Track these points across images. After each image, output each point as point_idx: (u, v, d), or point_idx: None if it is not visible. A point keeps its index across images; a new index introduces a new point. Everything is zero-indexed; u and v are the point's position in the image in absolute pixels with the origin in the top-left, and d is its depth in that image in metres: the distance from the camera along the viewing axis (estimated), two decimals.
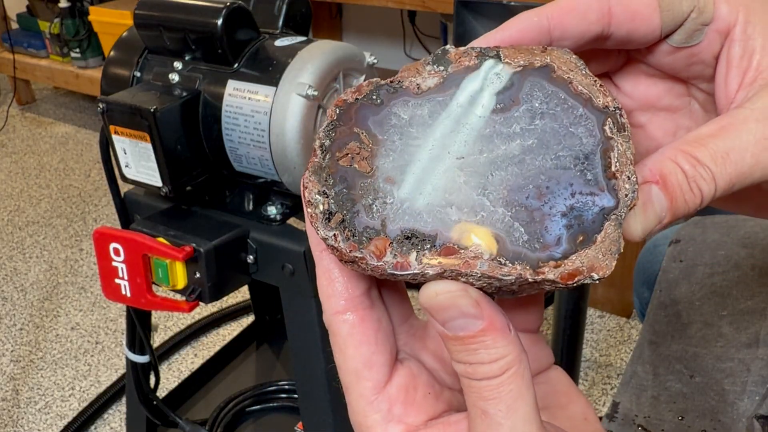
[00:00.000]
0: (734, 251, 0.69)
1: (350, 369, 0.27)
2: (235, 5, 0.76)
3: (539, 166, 0.25)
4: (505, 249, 0.25)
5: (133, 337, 0.98)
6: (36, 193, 2.25)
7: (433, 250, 0.25)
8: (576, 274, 0.24)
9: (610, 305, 1.59)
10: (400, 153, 0.26)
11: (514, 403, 0.24)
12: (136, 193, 0.89)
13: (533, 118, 0.26)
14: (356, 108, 0.27)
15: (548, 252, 0.25)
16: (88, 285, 1.79)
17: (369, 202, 0.25)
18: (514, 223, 0.25)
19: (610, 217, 0.25)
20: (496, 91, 0.26)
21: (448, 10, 1.78)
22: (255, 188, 0.86)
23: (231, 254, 0.81)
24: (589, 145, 0.26)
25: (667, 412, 0.58)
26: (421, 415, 0.27)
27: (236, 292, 1.35)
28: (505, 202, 0.25)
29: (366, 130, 0.26)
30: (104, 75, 0.86)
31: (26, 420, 1.41)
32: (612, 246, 0.25)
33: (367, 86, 0.27)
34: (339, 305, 0.27)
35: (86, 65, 2.43)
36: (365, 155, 0.26)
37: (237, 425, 1.14)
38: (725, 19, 0.29)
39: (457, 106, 0.26)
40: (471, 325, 0.24)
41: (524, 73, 0.26)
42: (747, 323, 0.62)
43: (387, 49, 2.59)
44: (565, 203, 0.25)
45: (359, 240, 0.25)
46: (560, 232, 0.25)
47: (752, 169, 0.26)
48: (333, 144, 0.26)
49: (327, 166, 0.26)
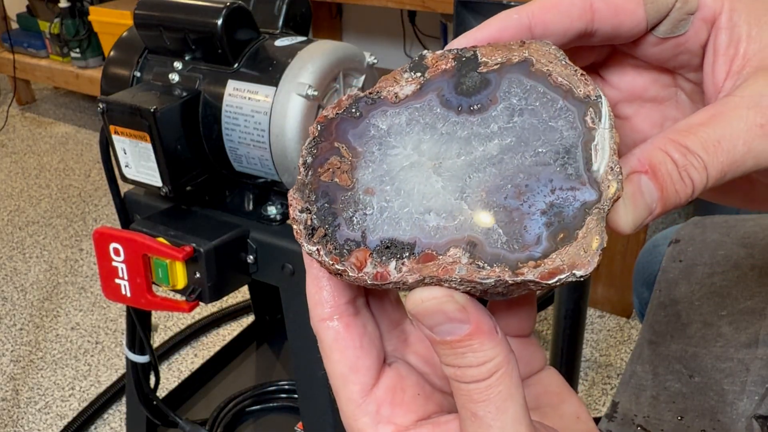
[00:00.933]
0: (734, 251, 0.69)
1: (337, 373, 0.28)
2: (235, 5, 0.76)
3: (518, 165, 0.25)
4: (484, 252, 0.24)
5: (133, 337, 0.98)
6: (36, 193, 2.25)
7: (412, 257, 0.25)
8: (556, 272, 0.24)
9: (610, 305, 1.59)
10: (379, 163, 0.26)
11: (503, 404, 0.24)
12: (136, 193, 0.89)
13: (512, 115, 0.26)
14: (336, 123, 0.27)
15: (527, 252, 0.24)
16: (88, 285, 1.79)
17: (350, 215, 0.26)
18: (493, 224, 0.25)
19: (591, 212, 0.24)
20: (471, 92, 0.26)
21: (448, 10, 1.78)
22: (255, 188, 0.86)
23: (231, 254, 0.81)
24: (570, 138, 0.25)
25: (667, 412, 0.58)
26: (410, 415, 0.28)
27: (236, 292, 1.35)
28: (484, 204, 0.25)
29: (346, 144, 0.27)
30: (104, 75, 0.86)
31: (26, 420, 1.41)
32: (594, 241, 0.24)
33: (347, 100, 0.27)
34: (325, 312, 0.28)
35: (86, 65, 2.43)
36: (345, 168, 0.26)
37: (237, 425, 1.14)
38: (711, 7, 0.28)
39: (432, 112, 0.26)
40: (457, 329, 0.24)
41: (502, 70, 0.26)
42: (746, 323, 0.62)
43: (387, 49, 2.59)
44: (545, 200, 0.25)
45: (341, 253, 0.25)
46: (540, 231, 0.24)
47: (744, 158, 0.26)
48: (315, 160, 0.27)
49: (309, 183, 0.26)
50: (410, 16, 2.44)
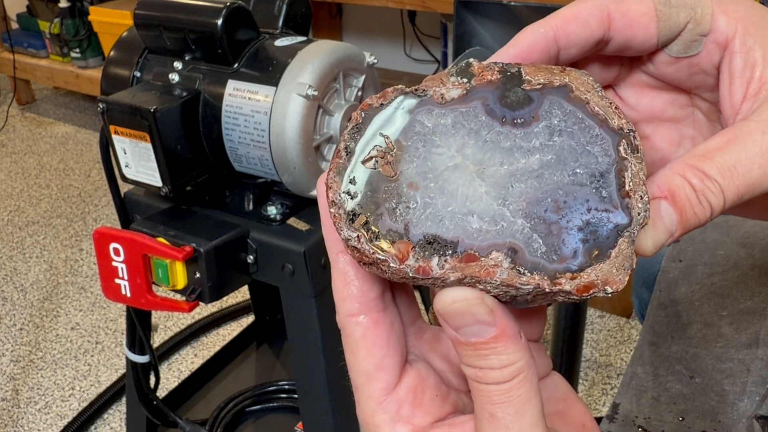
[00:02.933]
0: (734, 251, 0.69)
1: (361, 370, 0.28)
2: (235, 5, 0.76)
3: (557, 181, 0.26)
4: (524, 259, 0.25)
5: (133, 337, 0.98)
6: (36, 193, 2.25)
7: (454, 256, 0.25)
8: (591, 286, 0.25)
9: (610, 305, 1.59)
10: (423, 160, 0.26)
11: (522, 407, 0.25)
12: (136, 193, 0.89)
13: (552, 134, 0.27)
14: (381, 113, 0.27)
15: (565, 264, 0.25)
16: (88, 285, 1.79)
17: (392, 206, 0.26)
18: (533, 234, 0.26)
19: (623, 234, 0.26)
20: (516, 106, 0.27)
21: (448, 10, 1.78)
22: (255, 188, 0.86)
23: (231, 254, 0.81)
24: (604, 164, 0.26)
25: (668, 413, 0.58)
26: (427, 416, 0.28)
27: (236, 292, 1.35)
28: (525, 213, 0.26)
29: (390, 135, 0.27)
30: (104, 75, 0.86)
31: (26, 420, 1.41)
32: (625, 261, 0.25)
33: (392, 92, 0.27)
34: (353, 308, 0.28)
35: (86, 65, 2.43)
36: (389, 160, 0.26)
37: (237, 425, 1.14)
38: (723, 31, 0.29)
39: (478, 119, 0.27)
40: (484, 331, 0.25)
41: (543, 90, 0.27)
42: (747, 323, 0.62)
43: (387, 49, 2.58)
44: (582, 218, 0.26)
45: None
46: (576, 246, 0.26)
47: (760, 180, 0.27)
48: (357, 146, 0.27)
49: (352, 168, 0.26)
50: (410, 16, 2.44)
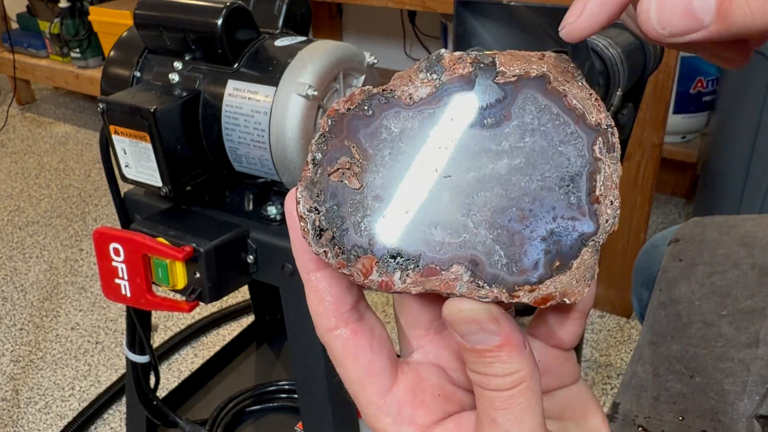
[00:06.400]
0: (733, 250, 0.69)
1: (353, 379, 0.28)
2: (235, 5, 0.76)
3: (524, 188, 0.25)
4: (484, 272, 0.25)
5: (133, 337, 0.98)
6: (36, 193, 2.24)
7: (416, 270, 0.25)
8: (549, 298, 0.25)
9: (610, 305, 1.59)
10: (389, 169, 0.26)
11: (521, 415, 0.25)
12: (136, 193, 0.89)
13: (523, 134, 0.26)
14: (348, 119, 0.26)
15: (525, 276, 0.25)
16: (88, 285, 1.79)
17: (358, 220, 0.26)
18: (495, 246, 0.25)
19: (588, 243, 0.25)
20: (486, 105, 0.26)
21: (448, 10, 1.78)
22: (255, 188, 0.86)
23: (231, 254, 0.81)
24: (576, 166, 0.25)
25: (668, 413, 0.58)
26: (431, 415, 0.28)
27: (236, 292, 1.35)
28: (488, 224, 0.25)
29: (357, 144, 0.26)
30: (104, 75, 0.86)
31: (26, 420, 1.41)
32: (587, 272, 0.25)
33: (359, 95, 0.26)
34: (330, 322, 0.28)
35: (86, 65, 2.42)
36: (356, 171, 0.26)
37: (237, 425, 1.14)
38: None
39: (446, 121, 0.26)
40: (488, 339, 0.25)
41: (518, 84, 0.26)
42: (747, 323, 0.62)
43: (387, 49, 2.58)
44: (546, 227, 0.25)
45: (348, 258, 0.26)
46: (538, 257, 0.25)
47: None
48: (324, 157, 0.26)
49: (318, 181, 0.26)
50: (410, 16, 2.44)
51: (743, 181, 1.52)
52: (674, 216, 1.94)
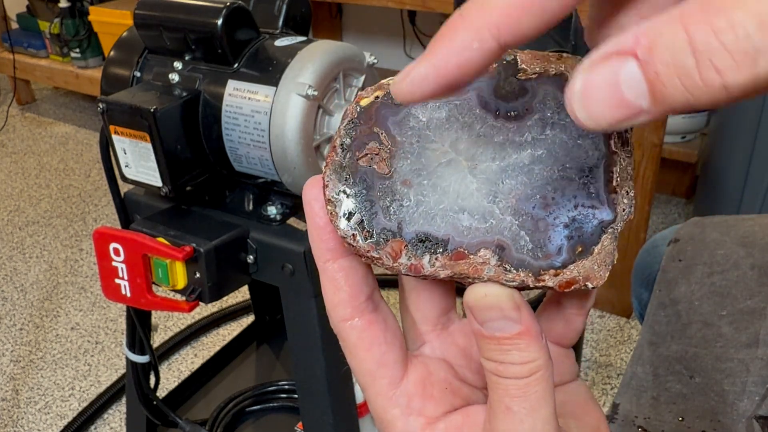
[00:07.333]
0: (733, 251, 0.69)
1: (365, 370, 0.28)
2: (235, 5, 0.76)
3: (547, 177, 0.26)
4: (511, 256, 0.26)
5: (133, 337, 0.98)
6: (36, 193, 2.24)
7: (445, 254, 0.26)
8: (572, 282, 0.26)
9: (610, 305, 1.59)
10: (417, 156, 0.27)
11: (536, 404, 0.26)
12: (136, 193, 0.89)
13: (544, 127, 0.27)
14: (377, 107, 0.27)
15: (549, 261, 0.26)
16: (88, 285, 1.79)
17: (387, 204, 0.26)
18: (521, 231, 0.26)
19: (607, 230, 0.26)
20: (510, 98, 0.27)
21: (448, 10, 1.78)
22: (255, 188, 0.86)
23: (231, 254, 0.81)
24: (593, 159, 0.27)
25: (667, 413, 0.58)
26: (439, 408, 0.29)
27: (236, 292, 1.35)
28: (513, 210, 0.26)
29: (385, 131, 0.27)
30: (104, 75, 0.86)
31: (26, 420, 1.41)
32: (607, 258, 0.26)
33: (388, 85, 0.27)
34: (346, 313, 0.28)
35: (86, 65, 2.42)
36: (384, 156, 0.27)
37: (237, 425, 1.14)
38: None
39: (472, 112, 0.27)
40: (509, 327, 0.25)
41: (539, 80, 0.27)
42: (746, 323, 0.62)
43: (387, 49, 2.58)
44: (568, 215, 0.26)
45: (377, 241, 0.26)
46: (561, 243, 0.26)
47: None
48: (353, 143, 0.27)
49: (347, 166, 0.27)
50: (410, 16, 2.44)
51: (743, 181, 1.52)
52: (674, 216, 1.94)
